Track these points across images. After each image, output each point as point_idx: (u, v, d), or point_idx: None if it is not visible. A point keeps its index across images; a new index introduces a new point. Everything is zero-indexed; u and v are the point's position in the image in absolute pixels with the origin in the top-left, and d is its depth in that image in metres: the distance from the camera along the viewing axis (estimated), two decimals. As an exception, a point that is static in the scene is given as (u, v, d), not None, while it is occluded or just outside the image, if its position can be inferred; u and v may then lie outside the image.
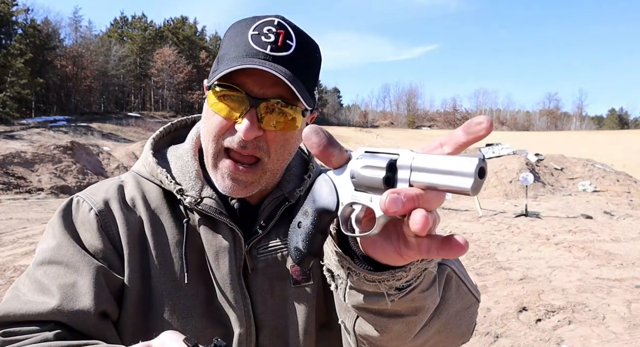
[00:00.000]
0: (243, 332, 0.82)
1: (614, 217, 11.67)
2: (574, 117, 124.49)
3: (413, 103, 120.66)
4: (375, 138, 56.69)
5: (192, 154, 0.88)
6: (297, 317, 0.84)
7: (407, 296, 0.60)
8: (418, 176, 0.46)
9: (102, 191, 0.86)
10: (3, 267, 6.19)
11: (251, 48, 0.75)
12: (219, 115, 0.78)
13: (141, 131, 44.95)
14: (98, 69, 58.22)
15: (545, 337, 4.27)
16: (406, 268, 0.57)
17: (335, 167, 0.56)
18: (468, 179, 0.42)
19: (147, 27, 72.45)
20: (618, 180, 19.34)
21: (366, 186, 0.51)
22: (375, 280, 0.58)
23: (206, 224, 0.84)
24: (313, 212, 0.58)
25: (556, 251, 7.72)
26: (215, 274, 0.82)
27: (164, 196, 0.86)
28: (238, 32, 0.79)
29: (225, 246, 0.83)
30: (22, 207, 12.73)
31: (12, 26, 48.91)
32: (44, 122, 39.44)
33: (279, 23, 0.78)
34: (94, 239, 0.81)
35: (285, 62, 0.75)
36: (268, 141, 0.79)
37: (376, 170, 0.49)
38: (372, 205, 0.51)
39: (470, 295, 0.76)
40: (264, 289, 0.85)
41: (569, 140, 51.93)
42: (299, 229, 0.60)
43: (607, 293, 5.50)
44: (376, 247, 0.57)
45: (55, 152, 19.42)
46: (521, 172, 17.50)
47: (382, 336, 0.66)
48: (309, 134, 0.53)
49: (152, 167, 0.87)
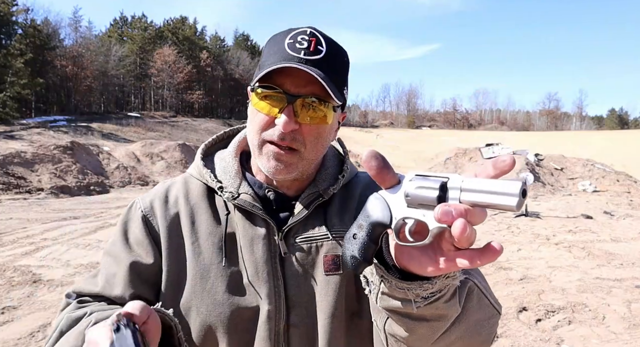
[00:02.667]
0: (272, 308, 0.92)
1: (614, 217, 11.67)
2: (574, 117, 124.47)
3: (413, 103, 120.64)
4: (375, 138, 56.66)
5: (234, 155, 1.02)
6: (326, 302, 0.93)
7: (431, 304, 0.69)
8: (467, 195, 0.57)
9: (152, 194, 1.04)
10: (3, 267, 6.19)
11: (287, 53, 0.87)
12: (261, 113, 0.89)
13: (141, 131, 44.94)
14: (98, 69, 58.13)
15: (545, 337, 4.27)
16: (432, 281, 0.66)
17: (387, 188, 0.66)
18: (514, 198, 0.52)
19: (147, 27, 72.36)
20: (618, 180, 19.35)
21: (419, 203, 0.61)
22: (404, 288, 0.68)
23: (243, 215, 0.96)
24: (368, 226, 0.67)
25: (556, 251, 7.72)
26: (249, 259, 0.94)
27: (206, 193, 1.01)
28: (276, 42, 0.91)
29: (260, 234, 0.94)
30: (22, 207, 12.73)
31: (12, 26, 48.84)
32: (44, 122, 39.39)
33: (311, 32, 0.89)
34: (138, 232, 0.98)
35: (317, 64, 0.87)
36: (303, 134, 0.90)
37: (430, 190, 0.59)
38: (425, 219, 0.60)
39: (491, 307, 0.85)
40: (298, 274, 0.95)
41: (569, 141, 51.92)
42: (354, 240, 0.68)
43: (607, 293, 5.50)
44: (412, 258, 0.66)
45: (55, 152, 19.42)
46: (521, 172, 17.49)
47: (409, 337, 0.76)
48: (369, 158, 0.65)
49: (200, 169, 1.02)
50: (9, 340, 4.03)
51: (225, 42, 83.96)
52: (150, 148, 25.17)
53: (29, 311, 4.73)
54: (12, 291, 5.34)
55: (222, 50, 79.34)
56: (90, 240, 8.07)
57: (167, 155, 24.78)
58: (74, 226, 9.43)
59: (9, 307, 4.81)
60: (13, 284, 5.57)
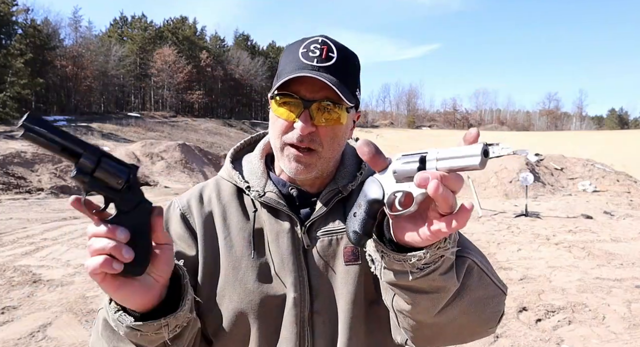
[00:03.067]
0: (297, 296, 0.99)
1: (614, 217, 11.68)
2: (574, 117, 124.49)
3: (413, 103, 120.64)
4: (376, 138, 56.65)
5: (259, 157, 1.12)
6: (346, 290, 1.01)
7: (427, 276, 0.76)
8: (442, 163, 0.66)
9: (188, 194, 1.13)
10: (3, 267, 6.19)
11: (301, 62, 0.96)
12: (281, 118, 0.98)
13: (141, 131, 44.94)
14: (98, 69, 58.13)
15: (545, 337, 4.27)
16: (425, 251, 0.74)
17: (379, 170, 0.76)
18: (477, 158, 0.61)
19: (147, 27, 72.37)
20: (618, 180, 19.34)
21: (405, 177, 0.71)
22: (400, 260, 0.75)
23: (269, 212, 1.05)
24: (365, 203, 0.76)
25: (556, 251, 7.72)
26: (276, 251, 1.02)
27: (236, 192, 1.10)
28: (290, 51, 1.00)
29: (285, 228, 1.02)
30: (22, 207, 12.73)
31: (12, 26, 48.85)
32: (44, 122, 39.36)
33: (322, 40, 0.98)
34: (178, 228, 1.07)
35: (329, 70, 0.95)
36: (320, 135, 0.98)
37: (412, 164, 0.69)
38: (411, 189, 0.70)
39: (494, 286, 0.90)
40: (320, 265, 1.02)
41: (569, 140, 51.92)
42: (354, 218, 0.77)
43: (607, 293, 5.50)
44: (406, 230, 0.74)
45: (55, 152, 19.41)
46: (521, 172, 17.49)
47: (412, 309, 0.84)
48: (362, 145, 0.75)
49: (229, 171, 1.12)
50: (9, 340, 4.03)
51: (225, 42, 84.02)
52: (150, 148, 25.18)
53: (29, 311, 4.73)
54: (12, 291, 5.34)
55: (222, 50, 79.35)
56: (90, 240, 8.07)
57: (167, 156, 24.79)
58: (74, 226, 9.43)
59: (9, 307, 4.81)
60: (13, 284, 5.57)
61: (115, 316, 0.78)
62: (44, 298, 5.13)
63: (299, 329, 0.99)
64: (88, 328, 4.32)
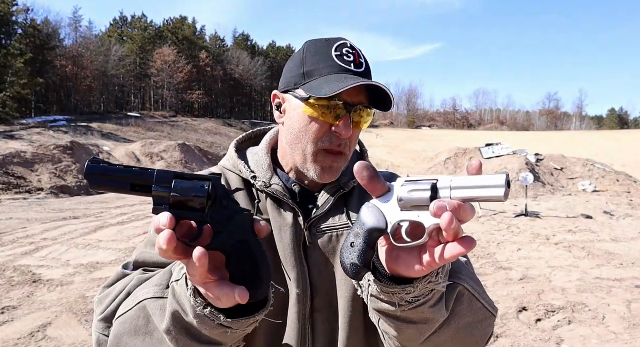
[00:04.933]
0: (300, 293, 0.97)
1: (614, 217, 11.67)
2: (574, 117, 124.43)
3: (413, 103, 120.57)
4: (376, 138, 56.63)
5: (266, 151, 1.10)
6: (345, 288, 0.99)
7: (416, 309, 0.74)
8: (457, 192, 0.62)
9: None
10: (3, 267, 6.19)
11: (340, 66, 0.95)
12: (319, 121, 0.96)
13: (141, 131, 44.91)
14: (98, 69, 58.07)
15: (545, 337, 4.27)
16: (415, 285, 0.71)
17: (377, 196, 0.71)
18: (501, 189, 0.59)
19: (147, 27, 72.32)
20: (618, 180, 19.35)
21: (412, 206, 0.66)
22: (389, 292, 0.73)
23: (273, 204, 1.02)
24: (365, 233, 0.70)
25: (556, 251, 7.72)
26: (279, 245, 0.99)
27: (242, 183, 1.07)
28: (319, 51, 0.98)
29: (288, 222, 1.00)
30: (22, 207, 12.73)
31: (12, 26, 48.81)
32: (44, 122, 39.34)
33: (351, 45, 0.99)
34: None
35: (364, 76, 0.97)
36: (351, 139, 0.99)
37: (423, 192, 0.65)
38: (421, 219, 0.65)
39: (484, 310, 0.88)
40: (321, 262, 1.00)
41: (569, 140, 51.92)
42: (352, 248, 0.72)
43: (607, 293, 5.50)
44: (400, 260, 0.71)
45: (55, 152, 19.43)
46: (521, 172, 17.50)
47: (398, 336, 0.82)
48: (361, 168, 0.70)
49: (234, 160, 1.09)
50: (9, 340, 4.03)
51: (225, 42, 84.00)
52: (150, 148, 25.18)
53: (29, 311, 4.73)
54: (12, 291, 5.34)
55: (222, 50, 79.33)
56: (90, 240, 8.07)
57: (167, 155, 24.78)
58: (74, 226, 9.43)
59: (9, 307, 4.81)
60: (13, 284, 5.57)
61: (205, 312, 0.71)
62: (44, 298, 5.12)
63: (301, 327, 0.98)
64: (88, 328, 4.31)
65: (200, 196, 0.62)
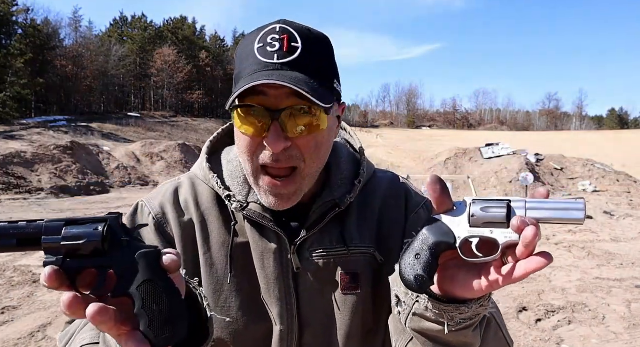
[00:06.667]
0: (284, 329, 0.86)
1: (614, 217, 11.68)
2: (574, 117, 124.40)
3: (413, 103, 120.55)
4: (376, 138, 56.62)
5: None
6: (342, 322, 0.88)
7: (461, 331, 0.71)
8: (533, 212, 0.65)
9: (161, 195, 0.94)
10: (3, 267, 6.19)
11: (259, 62, 0.76)
12: (247, 135, 0.79)
13: (141, 131, 44.93)
14: (98, 69, 58.10)
15: (545, 337, 4.27)
16: (469, 305, 0.69)
17: (442, 211, 0.70)
18: (581, 212, 0.63)
19: (147, 27, 72.34)
20: (618, 180, 19.35)
21: (484, 222, 0.68)
22: (442, 310, 0.69)
23: (253, 226, 0.88)
24: (433, 245, 0.70)
25: (556, 251, 7.72)
26: (261, 274, 0.87)
27: (215, 198, 0.92)
28: (245, 48, 0.80)
29: (271, 248, 0.87)
30: (22, 207, 12.74)
31: (12, 26, 48.81)
32: (44, 122, 39.35)
33: (281, 28, 0.77)
34: (152, 239, 0.89)
35: (295, 65, 0.76)
36: (300, 148, 0.79)
37: (498, 209, 0.67)
38: (494, 236, 0.67)
39: (504, 341, 0.84)
40: (314, 290, 0.88)
41: (569, 140, 51.90)
42: (416, 260, 0.71)
43: (607, 293, 5.50)
44: (456, 280, 0.69)
45: (55, 152, 19.42)
46: (521, 172, 17.51)
47: None
48: (434, 182, 0.68)
49: (206, 173, 0.93)
50: (9, 340, 4.03)
51: (225, 42, 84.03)
52: (150, 148, 25.17)
53: (29, 311, 4.73)
54: (12, 291, 5.34)
55: (222, 50, 79.34)
56: (90, 240, 8.07)
57: (167, 156, 24.78)
58: (74, 226, 9.43)
59: (9, 307, 4.82)
60: (13, 284, 5.57)
61: None
62: (44, 298, 5.12)
63: None
64: (88, 328, 4.32)
65: (94, 240, 0.56)
